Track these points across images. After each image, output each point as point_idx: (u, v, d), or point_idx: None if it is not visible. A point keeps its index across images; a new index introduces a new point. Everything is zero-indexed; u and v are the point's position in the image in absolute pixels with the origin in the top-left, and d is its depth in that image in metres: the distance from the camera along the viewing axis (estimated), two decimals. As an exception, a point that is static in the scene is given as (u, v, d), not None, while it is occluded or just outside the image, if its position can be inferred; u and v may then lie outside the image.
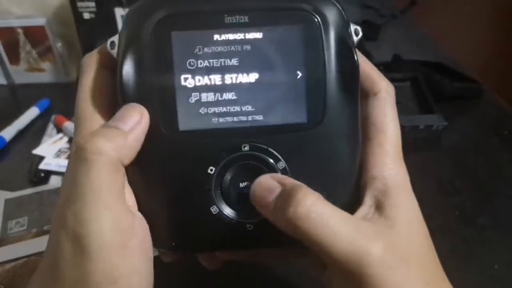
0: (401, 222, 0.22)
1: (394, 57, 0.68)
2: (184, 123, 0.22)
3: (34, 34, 0.63)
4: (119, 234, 0.20)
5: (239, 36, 0.22)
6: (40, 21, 0.63)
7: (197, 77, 0.22)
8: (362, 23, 0.76)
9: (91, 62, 0.24)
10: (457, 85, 0.61)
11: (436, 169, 0.50)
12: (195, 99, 0.22)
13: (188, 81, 0.22)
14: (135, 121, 0.21)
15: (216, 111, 0.23)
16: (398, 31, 0.82)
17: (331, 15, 0.23)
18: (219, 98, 0.23)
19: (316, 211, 0.20)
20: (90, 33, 0.61)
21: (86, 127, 0.22)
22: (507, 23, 1.20)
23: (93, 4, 0.59)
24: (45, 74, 0.67)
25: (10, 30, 0.63)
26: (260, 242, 0.25)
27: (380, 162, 0.23)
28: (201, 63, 0.22)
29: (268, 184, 0.22)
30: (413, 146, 0.53)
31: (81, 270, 0.19)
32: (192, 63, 0.22)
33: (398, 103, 0.68)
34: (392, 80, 0.69)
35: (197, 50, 0.22)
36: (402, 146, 0.25)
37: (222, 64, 0.22)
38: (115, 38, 0.23)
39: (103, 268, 0.19)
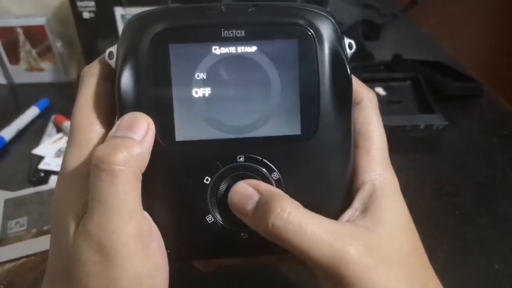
0: (384, 223, 0.22)
1: (395, 56, 0.68)
2: (181, 134, 0.23)
3: (34, 34, 0.63)
4: (142, 239, 0.21)
5: (235, 49, 0.23)
6: (40, 20, 0.63)
7: (194, 89, 0.23)
8: (362, 23, 0.76)
9: (90, 73, 0.24)
10: (457, 85, 0.62)
11: (436, 169, 0.50)
12: (192, 110, 0.23)
13: (185, 93, 0.23)
14: (145, 129, 0.22)
15: (212, 123, 0.23)
16: (398, 30, 0.82)
17: (325, 29, 0.23)
18: (215, 110, 0.23)
19: (294, 222, 0.21)
20: (90, 32, 0.61)
21: (82, 137, 0.22)
22: (507, 23, 1.20)
23: (92, 3, 0.59)
24: (45, 74, 0.67)
25: (10, 30, 0.63)
26: (255, 250, 0.25)
27: (368, 168, 0.24)
28: (198, 76, 0.23)
29: (245, 192, 0.22)
30: (413, 146, 0.53)
31: (108, 278, 0.20)
32: (189, 76, 0.23)
33: (398, 102, 0.68)
34: (392, 79, 0.69)
35: (194, 62, 0.23)
36: (403, 146, 0.25)
37: (219, 77, 0.23)
38: (114, 49, 0.23)
39: (130, 274, 0.20)
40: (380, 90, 0.61)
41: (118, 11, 0.59)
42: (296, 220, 0.21)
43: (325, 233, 0.21)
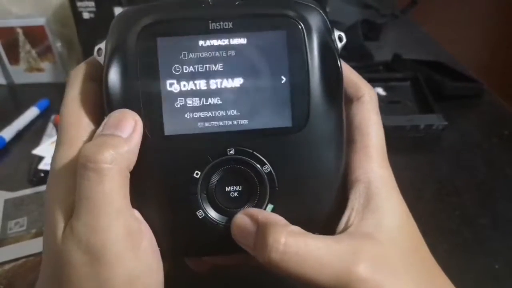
0: (383, 227, 0.22)
1: (395, 56, 0.68)
2: (170, 128, 0.23)
3: (34, 34, 0.63)
4: (132, 238, 0.20)
5: (223, 41, 0.23)
6: (39, 20, 0.63)
7: (182, 83, 0.23)
8: (362, 23, 0.76)
9: (77, 73, 0.24)
10: (457, 85, 0.61)
11: (436, 169, 0.50)
12: (181, 104, 0.23)
13: (173, 86, 0.23)
14: (132, 126, 0.22)
15: (202, 116, 0.23)
16: (398, 30, 0.82)
17: (314, 21, 0.23)
18: (204, 103, 0.23)
19: (290, 252, 0.20)
20: (89, 32, 0.61)
21: (70, 135, 0.22)
22: (507, 23, 1.20)
23: (92, 4, 0.59)
24: (45, 74, 0.67)
25: (10, 30, 0.63)
26: None
27: (364, 165, 0.23)
28: (186, 69, 0.23)
29: (243, 224, 0.22)
30: (413, 146, 0.53)
31: (99, 279, 0.19)
32: (177, 69, 0.22)
33: (398, 102, 0.67)
34: (392, 79, 0.69)
35: (182, 56, 0.22)
36: (403, 146, 0.25)
37: (207, 69, 0.23)
38: (102, 45, 0.23)
39: (121, 274, 0.20)
40: (380, 90, 0.61)
41: (118, 11, 0.59)
42: (292, 250, 0.20)
43: (326, 256, 0.20)
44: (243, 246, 0.22)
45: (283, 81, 0.23)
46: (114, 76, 0.22)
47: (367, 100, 0.25)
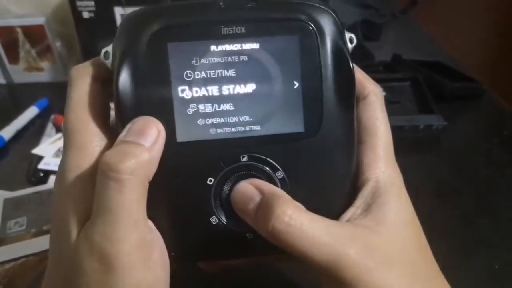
0: (387, 222, 0.22)
1: (394, 56, 0.68)
2: (182, 134, 0.22)
3: (33, 33, 0.63)
4: (145, 249, 0.20)
5: (236, 46, 0.22)
6: (39, 20, 0.62)
7: (194, 89, 0.22)
8: (362, 23, 0.76)
9: (81, 73, 0.24)
10: (457, 85, 0.61)
11: (436, 169, 0.50)
12: (193, 110, 0.22)
13: (185, 92, 0.22)
14: (155, 135, 0.21)
15: (214, 122, 0.23)
16: (398, 31, 0.82)
17: (327, 24, 0.23)
18: (217, 109, 0.23)
19: (294, 225, 0.20)
20: (89, 32, 0.61)
21: (79, 140, 0.22)
22: (507, 23, 1.20)
23: (92, 3, 0.59)
24: (44, 74, 0.67)
25: (9, 29, 0.63)
26: (260, 250, 0.25)
27: (372, 165, 0.24)
28: (198, 74, 0.22)
29: (247, 191, 0.22)
30: (413, 146, 0.53)
31: (108, 286, 0.20)
32: (189, 75, 0.22)
33: (398, 102, 0.67)
34: (392, 80, 0.69)
35: (193, 61, 0.22)
36: (402, 146, 0.25)
37: (219, 75, 0.22)
38: (109, 48, 0.23)
39: (131, 283, 0.20)
40: (380, 90, 0.61)
41: (118, 11, 0.59)
42: (297, 224, 0.20)
43: (325, 236, 0.20)
44: (241, 213, 0.22)
45: (295, 86, 0.23)
46: (125, 81, 0.22)
47: (373, 99, 0.25)
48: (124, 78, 0.22)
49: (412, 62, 0.66)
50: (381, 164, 0.24)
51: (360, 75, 0.25)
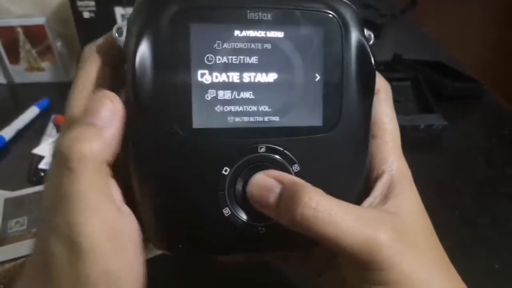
0: (405, 210, 0.22)
1: (395, 56, 0.68)
2: (199, 120, 0.21)
3: (34, 33, 0.63)
4: (111, 234, 0.20)
5: (260, 33, 0.21)
6: (39, 20, 0.63)
7: (214, 74, 0.21)
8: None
9: (91, 55, 0.23)
10: (457, 85, 0.62)
11: (436, 169, 0.50)
12: (211, 96, 0.21)
13: (205, 77, 0.21)
14: (109, 113, 0.21)
15: (233, 110, 0.22)
16: (398, 30, 0.82)
17: (351, 18, 0.22)
18: (236, 97, 0.22)
19: (323, 210, 0.20)
20: (90, 32, 0.61)
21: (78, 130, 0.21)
22: (507, 23, 1.20)
23: (92, 3, 0.59)
24: (45, 74, 0.67)
25: (10, 29, 0.63)
26: (272, 245, 0.24)
27: (387, 158, 0.24)
28: (219, 59, 0.21)
29: (266, 183, 0.22)
30: (413, 146, 0.52)
31: (77, 272, 0.19)
32: (210, 59, 0.21)
33: (398, 102, 0.67)
34: (392, 79, 0.69)
35: (216, 45, 0.21)
36: (402, 145, 0.26)
37: (241, 61, 0.22)
38: (123, 25, 0.22)
39: (99, 269, 0.19)
40: (380, 90, 0.61)
41: (118, 11, 0.59)
42: (325, 209, 0.20)
43: (354, 220, 0.20)
44: (260, 204, 0.22)
45: (317, 79, 0.22)
46: (142, 60, 0.21)
47: (383, 96, 0.25)
48: (142, 57, 0.21)
49: (412, 62, 0.66)
50: (394, 157, 0.24)
51: None
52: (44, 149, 0.51)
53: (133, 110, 0.21)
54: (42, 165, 0.48)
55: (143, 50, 0.21)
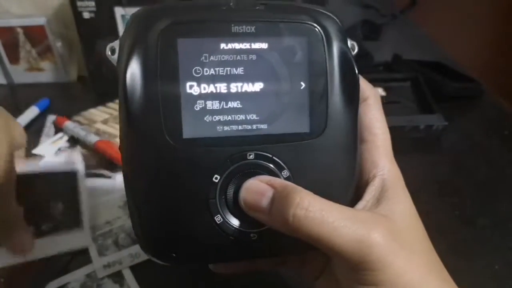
0: (397, 213, 0.23)
1: (395, 57, 0.68)
2: (189, 130, 0.22)
3: (34, 34, 0.63)
4: None
5: (245, 45, 0.22)
6: (40, 20, 0.62)
7: (202, 85, 0.22)
8: (362, 23, 0.76)
9: None
10: (457, 85, 0.61)
11: (436, 169, 0.50)
12: (200, 106, 0.22)
13: (193, 88, 0.22)
14: None
15: (221, 119, 0.23)
16: (398, 31, 0.82)
17: (333, 29, 0.23)
18: (224, 106, 0.23)
19: (315, 211, 0.20)
20: (90, 32, 0.61)
21: None
22: (507, 23, 1.20)
23: (92, 3, 0.59)
24: (45, 74, 0.67)
25: (10, 30, 0.63)
26: (264, 252, 0.25)
27: (378, 162, 0.25)
28: (206, 71, 0.22)
29: (258, 188, 0.22)
30: (413, 146, 0.53)
31: None
32: (198, 71, 0.22)
33: (398, 102, 0.67)
34: (392, 80, 0.69)
35: (203, 58, 0.22)
36: (403, 146, 0.26)
37: (228, 72, 0.23)
38: (115, 44, 0.23)
39: None
40: (380, 90, 0.61)
41: (118, 11, 0.59)
42: (317, 209, 0.20)
43: (347, 220, 0.21)
44: (252, 210, 0.22)
45: (302, 87, 0.23)
46: (133, 75, 0.22)
47: (373, 102, 0.26)
48: (132, 72, 0.22)
49: (412, 62, 0.66)
50: (385, 161, 0.25)
51: (360, 80, 0.26)
52: (44, 149, 0.51)
53: (125, 122, 0.22)
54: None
55: (133, 65, 0.22)
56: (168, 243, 0.23)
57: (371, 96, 0.26)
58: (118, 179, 0.47)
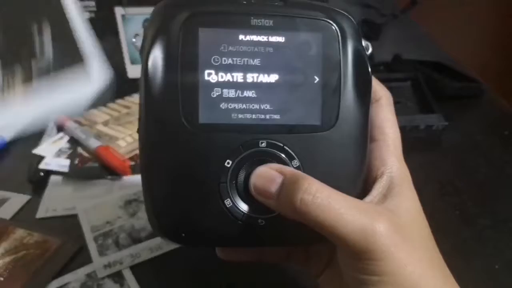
0: (402, 209, 0.23)
1: (395, 56, 0.68)
2: (205, 116, 0.23)
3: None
4: None
5: (263, 38, 0.24)
6: (40, 20, 0.62)
7: (220, 73, 0.23)
8: (362, 23, 0.76)
9: None
10: (457, 85, 0.62)
11: (436, 169, 0.50)
12: (217, 94, 0.23)
13: (211, 76, 0.23)
14: None
15: (236, 107, 0.24)
16: (398, 30, 0.82)
17: (348, 27, 0.24)
18: (240, 95, 0.24)
19: (322, 197, 0.21)
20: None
21: None
22: (507, 23, 1.20)
23: (93, 3, 0.59)
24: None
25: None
26: (270, 239, 0.25)
27: (387, 160, 0.25)
28: (225, 60, 0.23)
29: (269, 174, 0.23)
30: (413, 146, 0.53)
31: None
32: (216, 60, 0.23)
33: (398, 102, 0.68)
34: (392, 79, 0.69)
35: (222, 47, 0.23)
36: (403, 146, 0.27)
37: (245, 63, 0.24)
38: (140, 32, 0.24)
39: None
40: (380, 90, 0.61)
41: (118, 11, 0.59)
42: (324, 195, 0.21)
43: (352, 208, 0.21)
44: (262, 196, 0.23)
45: (316, 81, 0.24)
46: (154, 60, 0.23)
47: (385, 103, 0.27)
48: (154, 57, 0.23)
49: (412, 62, 0.66)
50: (394, 159, 0.25)
51: (373, 81, 0.26)
52: (45, 149, 0.51)
53: (145, 105, 0.23)
54: (42, 165, 0.48)
55: (156, 51, 0.23)
56: (178, 223, 0.24)
57: (384, 97, 0.27)
58: (118, 180, 0.47)
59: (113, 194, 0.45)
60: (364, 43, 0.25)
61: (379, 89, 0.27)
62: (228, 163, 0.23)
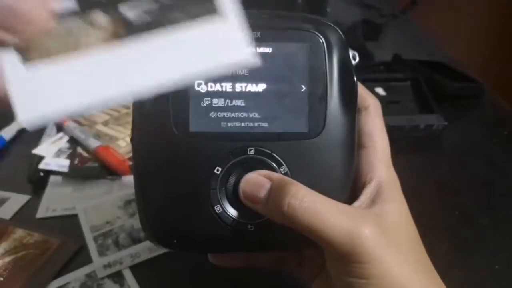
0: (390, 213, 0.23)
1: (395, 56, 0.68)
2: (195, 124, 0.24)
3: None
4: None
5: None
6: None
7: (209, 84, 0.24)
8: (362, 23, 0.76)
9: None
10: (457, 85, 0.61)
11: (436, 169, 0.50)
12: (207, 103, 0.24)
13: (201, 86, 0.24)
14: None
15: (225, 116, 0.24)
16: (398, 30, 0.82)
17: (334, 38, 0.25)
18: (229, 104, 0.24)
19: (308, 201, 0.22)
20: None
21: None
22: (507, 23, 1.20)
23: (93, 3, 0.59)
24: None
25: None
26: (259, 244, 0.26)
27: (375, 167, 0.26)
28: None
29: (257, 180, 0.23)
30: (413, 146, 0.53)
31: None
32: None
33: (398, 102, 0.67)
34: (392, 79, 0.69)
35: None
36: (403, 146, 0.27)
37: (234, 73, 0.24)
38: None
39: None
40: (380, 90, 0.61)
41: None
42: (311, 200, 0.22)
43: (339, 213, 0.22)
44: (250, 201, 0.23)
45: (302, 90, 0.25)
46: None
47: (373, 110, 0.27)
48: None
49: (412, 62, 0.66)
50: (383, 166, 0.26)
51: (361, 89, 0.27)
52: (44, 149, 0.51)
53: (137, 114, 0.24)
54: (42, 165, 0.48)
55: None
56: (169, 229, 0.25)
57: (372, 105, 0.27)
58: (118, 180, 0.47)
59: (112, 194, 0.45)
60: (351, 52, 0.26)
61: (367, 97, 0.27)
62: (218, 170, 0.24)
